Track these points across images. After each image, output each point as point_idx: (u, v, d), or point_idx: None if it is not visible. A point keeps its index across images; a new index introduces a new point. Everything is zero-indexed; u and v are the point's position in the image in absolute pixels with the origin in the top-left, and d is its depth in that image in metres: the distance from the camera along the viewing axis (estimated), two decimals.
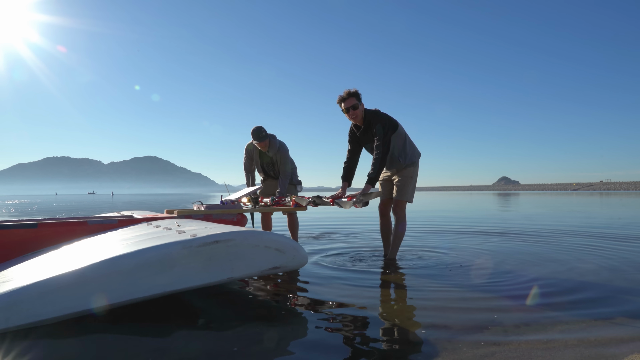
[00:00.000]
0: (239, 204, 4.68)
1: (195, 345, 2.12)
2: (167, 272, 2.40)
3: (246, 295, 3.15)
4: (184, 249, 2.43)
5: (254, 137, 4.98)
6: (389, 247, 4.52)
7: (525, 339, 2.16)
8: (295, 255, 2.78)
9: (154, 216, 4.12)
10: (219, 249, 2.52)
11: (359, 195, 3.83)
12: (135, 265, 2.33)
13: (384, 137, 4.05)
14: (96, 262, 2.29)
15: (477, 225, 8.83)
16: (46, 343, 2.11)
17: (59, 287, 2.19)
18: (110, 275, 2.28)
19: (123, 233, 3.31)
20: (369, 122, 4.17)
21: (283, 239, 2.77)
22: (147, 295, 2.37)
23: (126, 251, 2.41)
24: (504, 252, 4.98)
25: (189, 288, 2.49)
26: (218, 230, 2.65)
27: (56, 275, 2.22)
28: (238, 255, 2.59)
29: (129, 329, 2.35)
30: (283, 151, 5.14)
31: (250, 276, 2.82)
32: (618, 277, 3.59)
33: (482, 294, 3.06)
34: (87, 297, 2.23)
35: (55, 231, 3.49)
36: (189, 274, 2.47)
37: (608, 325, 2.37)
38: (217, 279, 2.56)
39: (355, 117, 4.18)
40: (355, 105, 4.12)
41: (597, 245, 5.54)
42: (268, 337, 2.24)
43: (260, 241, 2.66)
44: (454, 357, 1.95)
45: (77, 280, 2.22)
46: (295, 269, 3.19)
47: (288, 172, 5.21)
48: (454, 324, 2.40)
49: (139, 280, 2.34)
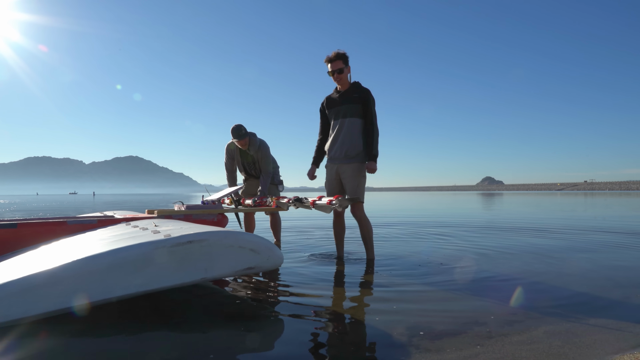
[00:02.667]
0: (220, 204, 4.64)
1: (171, 346, 2.07)
2: (140, 272, 2.38)
3: (223, 295, 3.09)
4: (157, 249, 2.42)
5: (233, 135, 4.96)
6: (342, 248, 4.47)
7: (509, 340, 2.13)
8: (270, 255, 2.77)
9: (134, 216, 4.08)
10: (192, 249, 2.51)
11: (338, 200, 3.77)
12: (107, 265, 2.31)
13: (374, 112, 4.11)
14: (69, 262, 2.27)
15: (459, 225, 8.86)
16: (17, 345, 2.05)
17: (30, 287, 2.16)
18: (83, 275, 2.26)
19: (101, 233, 3.29)
20: (357, 86, 4.15)
21: (257, 239, 2.76)
22: (120, 295, 2.35)
23: (100, 251, 2.38)
24: (487, 253, 4.97)
25: (162, 288, 2.47)
26: (192, 231, 2.64)
27: (28, 275, 2.19)
28: (212, 255, 2.58)
29: (104, 330, 2.30)
30: (264, 149, 5.10)
31: (224, 276, 2.82)
32: (603, 278, 3.59)
33: (465, 295, 3.03)
34: (58, 297, 2.21)
35: (35, 231, 3.48)
36: (163, 274, 2.45)
37: (593, 326, 2.35)
38: (191, 279, 2.54)
39: (339, 80, 4.14)
40: (340, 69, 4.07)
41: (582, 247, 5.58)
42: (245, 337, 2.18)
43: (234, 241, 2.65)
44: (437, 359, 1.91)
45: (49, 280, 2.20)
46: (270, 269, 3.22)
47: (270, 171, 5.18)
48: (437, 325, 2.36)
49: (112, 280, 2.32)
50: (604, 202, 22.40)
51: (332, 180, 4.29)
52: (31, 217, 4.27)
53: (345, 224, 4.40)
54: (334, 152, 4.23)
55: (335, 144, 4.20)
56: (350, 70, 4.16)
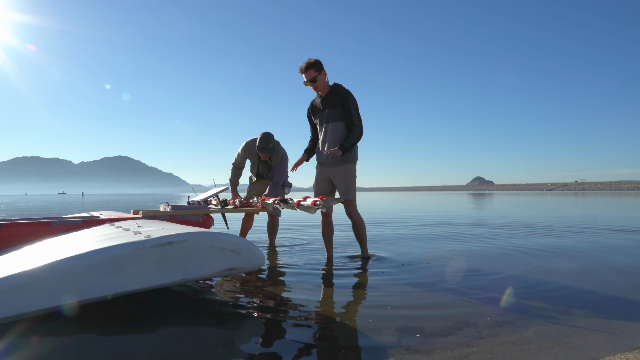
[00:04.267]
0: (206, 205, 4.60)
1: (158, 348, 2.04)
2: (118, 273, 2.36)
3: (210, 297, 3.03)
4: (136, 249, 2.40)
5: (260, 145, 4.77)
6: (331, 249, 4.44)
7: (499, 341, 2.10)
8: (251, 256, 2.76)
9: (119, 217, 4.02)
10: (172, 250, 2.50)
11: (322, 201, 3.72)
12: (87, 265, 2.28)
13: (359, 116, 4.11)
14: (48, 263, 2.25)
15: (449, 225, 8.86)
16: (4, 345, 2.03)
17: (9, 288, 2.13)
18: (61, 276, 2.23)
19: (85, 234, 3.26)
20: (336, 89, 4.15)
21: (239, 240, 2.75)
22: (98, 296, 2.33)
23: (80, 252, 2.35)
24: (476, 253, 4.96)
25: (142, 289, 2.45)
26: (173, 231, 2.62)
27: (7, 276, 2.16)
28: (192, 256, 2.56)
29: (91, 331, 2.27)
30: (285, 161, 4.99)
31: (205, 277, 2.81)
32: (594, 278, 3.58)
33: (455, 295, 3.00)
34: (37, 298, 2.18)
35: (19, 232, 3.48)
36: (142, 275, 2.43)
37: (583, 327, 2.33)
38: (170, 280, 2.52)
39: (315, 88, 4.15)
40: (313, 79, 4.06)
41: (573, 246, 5.58)
42: (232, 339, 2.14)
43: (215, 242, 2.64)
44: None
45: (28, 280, 2.17)
46: (251, 271, 3.26)
47: (282, 182, 5.07)
48: (427, 326, 2.32)
49: (90, 281, 2.30)
50: (595, 202, 22.61)
51: (321, 181, 4.32)
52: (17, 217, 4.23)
53: (333, 225, 4.36)
54: (323, 157, 4.28)
55: (323, 149, 4.21)
56: (326, 74, 4.14)
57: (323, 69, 4.10)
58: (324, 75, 4.12)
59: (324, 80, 4.13)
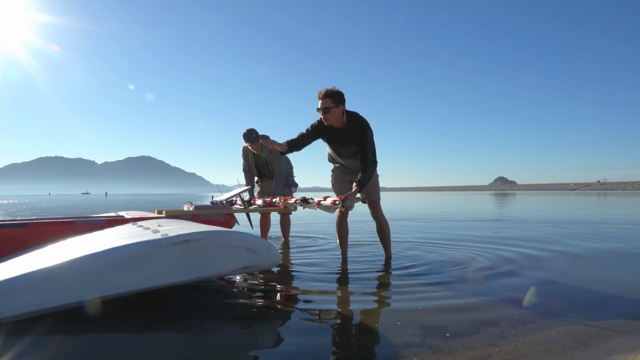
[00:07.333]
0: (229, 205, 4.65)
1: (181, 345, 2.07)
2: (135, 270, 2.41)
3: (231, 295, 3.06)
4: (152, 247, 2.45)
5: (245, 139, 5.04)
6: (346, 249, 4.34)
7: (522, 341, 2.09)
8: (267, 255, 2.78)
9: (143, 216, 4.10)
10: (188, 248, 2.54)
11: (342, 201, 3.69)
12: (103, 263, 2.34)
13: (373, 150, 3.86)
14: (66, 260, 2.31)
15: (472, 226, 8.79)
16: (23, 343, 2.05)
17: (25, 285, 2.21)
18: (78, 273, 2.30)
19: (107, 233, 3.34)
20: (354, 125, 3.78)
21: (255, 239, 2.76)
22: (115, 293, 2.38)
23: (98, 249, 2.42)
24: (500, 254, 4.89)
25: (159, 287, 2.49)
26: (190, 230, 2.66)
27: (27, 273, 2.24)
28: (208, 254, 2.60)
29: (113, 329, 2.31)
30: (276, 152, 5.11)
31: (221, 275, 2.85)
32: (616, 279, 3.51)
33: (478, 295, 2.96)
34: (53, 295, 2.25)
35: (45, 230, 3.55)
36: (158, 273, 2.48)
37: (606, 327, 2.29)
38: (186, 278, 2.56)
39: (326, 120, 3.75)
40: (327, 109, 3.68)
41: (596, 247, 5.49)
42: (253, 337, 2.17)
43: (230, 241, 2.67)
44: (450, 359, 1.88)
45: (45, 278, 2.24)
46: (267, 269, 3.28)
47: (282, 172, 5.22)
48: (450, 326, 2.31)
49: (107, 279, 2.35)
50: (617, 202, 22.11)
51: (343, 181, 4.22)
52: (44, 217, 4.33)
53: (348, 226, 4.30)
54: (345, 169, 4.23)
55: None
56: (343, 109, 3.75)
57: (342, 103, 3.73)
58: (341, 110, 3.72)
59: (338, 115, 3.74)
